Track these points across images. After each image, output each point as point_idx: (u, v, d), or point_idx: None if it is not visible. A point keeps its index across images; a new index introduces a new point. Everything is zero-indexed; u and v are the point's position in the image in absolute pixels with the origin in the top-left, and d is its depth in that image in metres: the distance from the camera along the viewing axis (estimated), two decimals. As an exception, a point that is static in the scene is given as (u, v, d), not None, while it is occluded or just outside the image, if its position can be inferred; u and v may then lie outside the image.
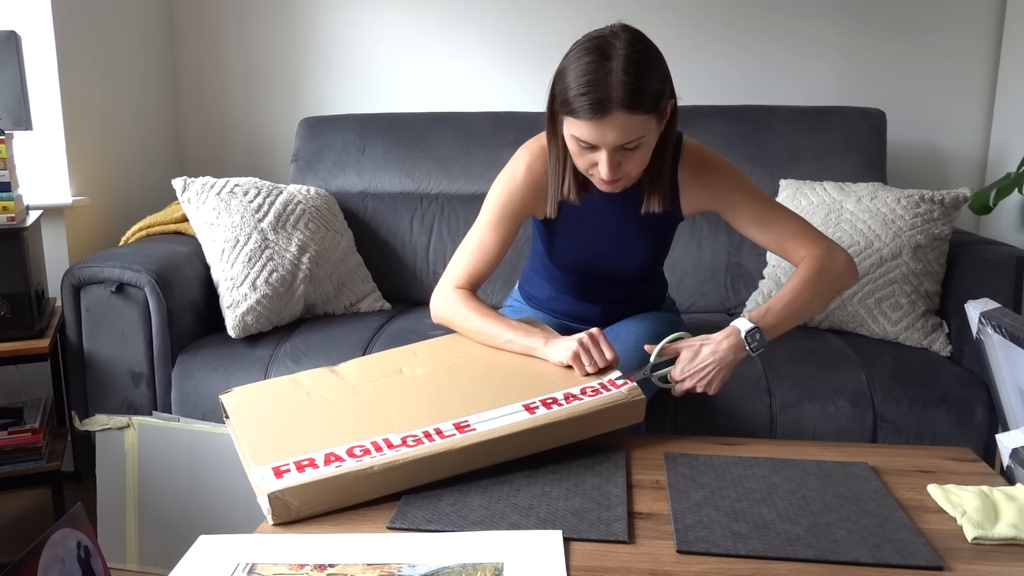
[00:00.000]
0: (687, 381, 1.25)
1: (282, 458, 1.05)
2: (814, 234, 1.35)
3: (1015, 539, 0.93)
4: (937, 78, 2.38)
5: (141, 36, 2.44)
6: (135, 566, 1.70)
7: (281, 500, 0.99)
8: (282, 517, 1.00)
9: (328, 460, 1.05)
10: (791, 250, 1.35)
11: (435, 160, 2.27)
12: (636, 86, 1.11)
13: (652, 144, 1.21)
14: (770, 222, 1.35)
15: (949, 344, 1.75)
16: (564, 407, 1.16)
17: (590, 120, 1.14)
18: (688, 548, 0.91)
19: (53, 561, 1.16)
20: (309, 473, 1.02)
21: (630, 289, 1.52)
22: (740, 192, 1.36)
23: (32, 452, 1.70)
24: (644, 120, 1.15)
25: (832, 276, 1.31)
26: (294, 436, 1.12)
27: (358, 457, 1.05)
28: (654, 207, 1.31)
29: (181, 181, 1.93)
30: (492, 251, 1.39)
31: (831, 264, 1.31)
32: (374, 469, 1.03)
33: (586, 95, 1.12)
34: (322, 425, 1.14)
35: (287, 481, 1.01)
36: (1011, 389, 1.43)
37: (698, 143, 1.37)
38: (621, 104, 1.12)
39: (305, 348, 1.75)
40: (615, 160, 1.18)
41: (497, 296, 2.15)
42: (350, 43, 2.57)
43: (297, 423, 1.15)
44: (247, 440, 1.12)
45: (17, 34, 1.68)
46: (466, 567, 0.86)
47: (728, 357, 1.24)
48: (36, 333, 1.69)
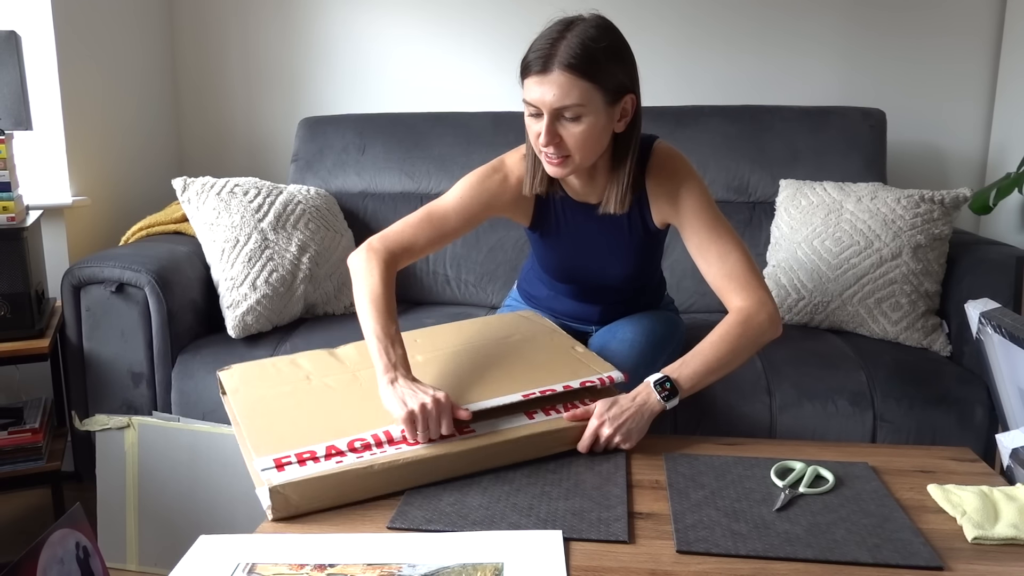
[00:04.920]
0: (605, 428, 1.15)
1: (283, 449, 1.05)
2: (752, 282, 1.28)
3: (1015, 539, 0.93)
4: (937, 78, 2.38)
5: (141, 36, 2.44)
6: (135, 566, 1.70)
7: (282, 495, 0.99)
8: (281, 512, 0.99)
9: (329, 454, 1.04)
10: (724, 292, 1.30)
11: (435, 160, 2.27)
12: (584, 52, 1.14)
13: (597, 126, 1.19)
14: (713, 254, 1.29)
15: (949, 344, 1.75)
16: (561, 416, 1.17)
17: (535, 75, 1.17)
18: (688, 548, 0.91)
19: (52, 561, 1.16)
20: (310, 468, 1.02)
21: (626, 293, 1.52)
22: (696, 213, 1.30)
23: (32, 452, 1.70)
24: (587, 89, 1.16)
25: (755, 334, 1.25)
26: (295, 425, 1.11)
27: (359, 452, 1.05)
28: (612, 208, 1.29)
29: (181, 181, 1.93)
30: (447, 230, 1.34)
31: (755, 320, 1.25)
32: (375, 468, 1.03)
33: (537, 51, 1.17)
34: (323, 414, 1.14)
35: (288, 475, 1.00)
36: (1011, 389, 1.43)
37: (670, 148, 1.34)
38: (563, 63, 1.14)
39: (305, 348, 1.74)
40: (553, 128, 1.19)
41: (497, 296, 2.15)
42: (350, 43, 2.57)
43: (297, 410, 1.15)
44: (247, 427, 1.11)
45: (17, 34, 1.68)
46: (466, 567, 0.86)
47: (643, 406, 1.17)
48: (36, 333, 1.69)
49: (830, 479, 1.08)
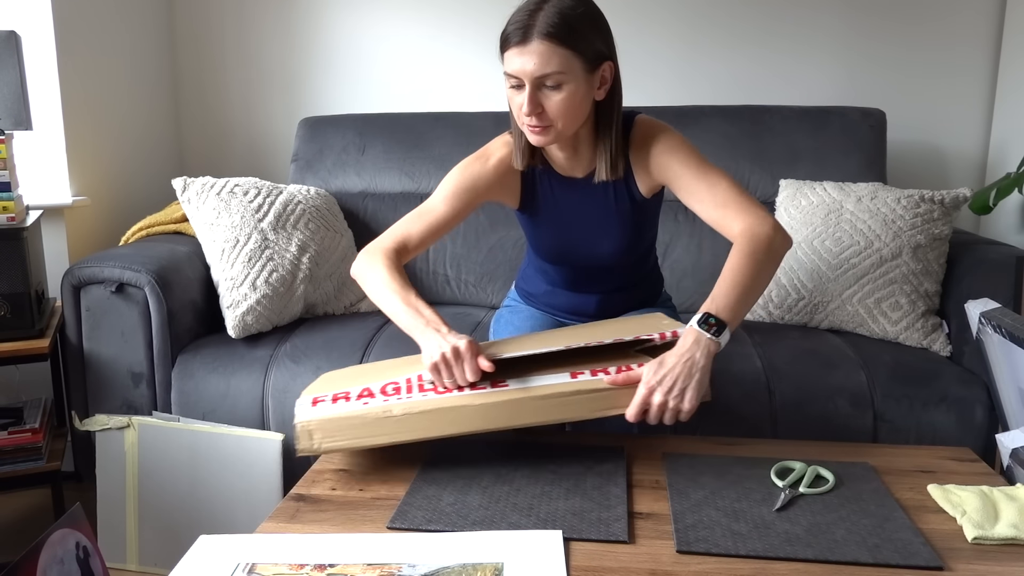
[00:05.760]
0: (656, 395, 1.07)
1: (325, 391, 1.11)
2: (745, 204, 1.27)
3: (1015, 539, 0.93)
4: (937, 78, 2.38)
5: (141, 36, 2.44)
6: (135, 566, 1.70)
7: (307, 430, 1.05)
8: (305, 448, 1.06)
9: (361, 395, 1.10)
10: (722, 220, 1.28)
11: (435, 160, 2.27)
12: (561, 20, 1.17)
13: (578, 93, 1.21)
14: (703, 190, 1.30)
15: (949, 344, 1.75)
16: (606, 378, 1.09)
17: (515, 47, 1.18)
18: (688, 548, 0.91)
19: (52, 561, 1.16)
20: (339, 407, 1.07)
21: (620, 278, 1.52)
22: (679, 159, 1.31)
23: (32, 452, 1.69)
24: (566, 56, 1.18)
25: (767, 247, 1.22)
26: (351, 377, 1.18)
27: (388, 396, 1.09)
28: (604, 175, 1.32)
29: (181, 181, 1.93)
30: (438, 220, 1.37)
31: (762, 235, 1.22)
32: (393, 412, 1.06)
33: (515, 23, 1.19)
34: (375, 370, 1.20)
35: (316, 412, 1.06)
36: (1011, 389, 1.43)
37: (650, 119, 1.36)
38: (542, 32, 1.16)
39: (305, 348, 1.75)
40: (535, 97, 1.20)
41: (497, 296, 2.15)
42: (350, 43, 2.57)
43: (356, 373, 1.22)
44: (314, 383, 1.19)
45: (17, 34, 1.68)
46: (466, 567, 0.86)
47: (695, 355, 1.09)
48: (36, 333, 1.69)
49: (830, 479, 1.08)
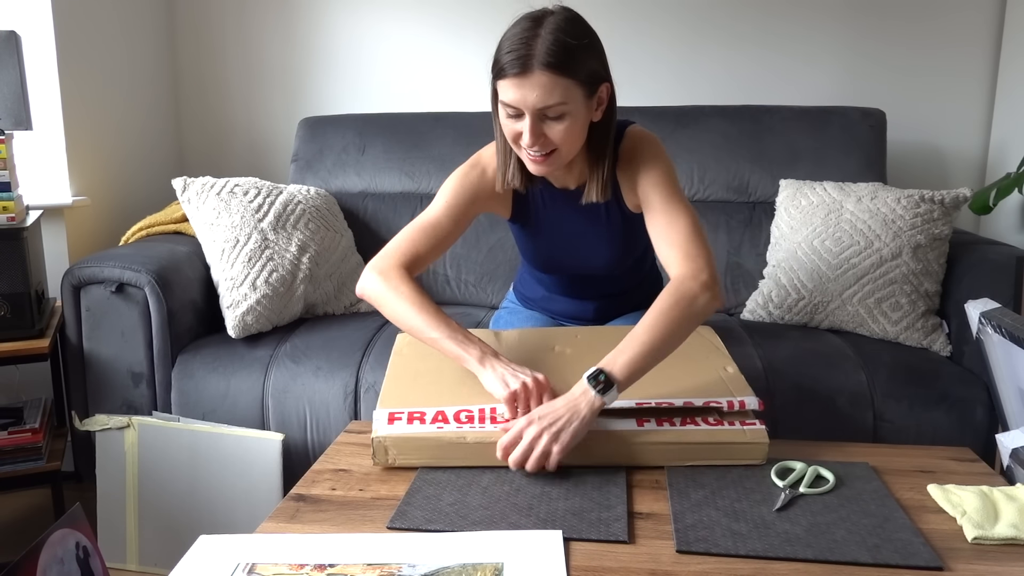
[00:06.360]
0: (534, 426, 1.05)
1: (400, 406, 1.15)
2: (692, 250, 1.21)
3: (1015, 539, 0.93)
4: (937, 78, 2.38)
5: (141, 36, 2.44)
6: (135, 566, 1.70)
7: (383, 445, 1.11)
8: (381, 461, 1.12)
9: (436, 418, 1.12)
10: (667, 260, 1.24)
11: (435, 160, 2.27)
12: (561, 48, 1.13)
13: (579, 120, 1.19)
14: (663, 224, 1.25)
15: (949, 344, 1.75)
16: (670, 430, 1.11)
17: (514, 78, 1.14)
18: (688, 548, 0.91)
19: (52, 561, 1.16)
20: (415, 427, 1.11)
21: (616, 284, 1.52)
22: (652, 185, 1.27)
23: (32, 452, 1.69)
24: (568, 86, 1.15)
25: (688, 307, 1.14)
26: (425, 387, 1.20)
27: (461, 423, 1.11)
28: (593, 197, 1.29)
29: (181, 181, 1.93)
30: (444, 234, 1.34)
31: (688, 292, 1.15)
32: (467, 440, 1.10)
33: (511, 52, 1.14)
34: (452, 382, 1.20)
35: (393, 430, 1.11)
36: (1011, 389, 1.43)
37: (641, 132, 1.33)
38: (543, 62, 1.12)
39: (305, 348, 1.75)
40: (537, 128, 1.17)
41: (497, 296, 2.15)
42: (350, 43, 2.57)
43: (436, 375, 1.23)
44: (387, 382, 1.23)
45: (17, 34, 1.68)
46: (466, 567, 0.86)
47: (579, 405, 1.07)
48: (36, 333, 1.69)
49: (830, 479, 1.08)
